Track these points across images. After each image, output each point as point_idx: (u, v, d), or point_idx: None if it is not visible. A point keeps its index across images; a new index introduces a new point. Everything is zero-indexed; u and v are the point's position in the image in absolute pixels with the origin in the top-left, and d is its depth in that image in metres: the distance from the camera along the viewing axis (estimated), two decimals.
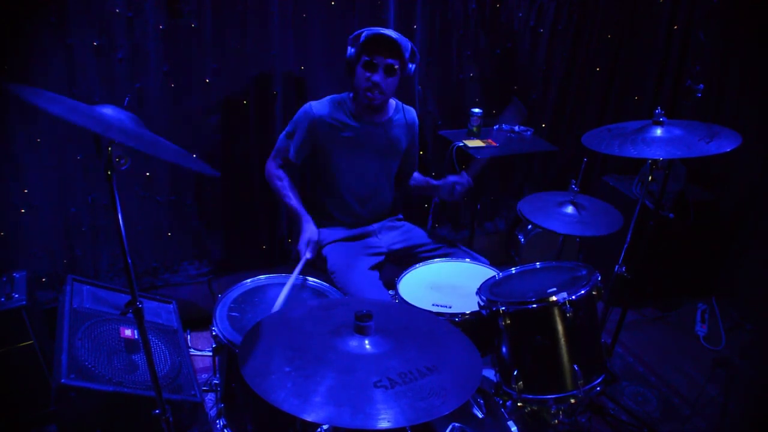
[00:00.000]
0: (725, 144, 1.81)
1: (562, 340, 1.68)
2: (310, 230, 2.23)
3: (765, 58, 2.99)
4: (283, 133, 2.33)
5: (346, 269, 2.21)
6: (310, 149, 2.29)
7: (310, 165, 2.38)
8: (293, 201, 2.31)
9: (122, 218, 1.33)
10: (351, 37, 2.17)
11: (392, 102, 2.36)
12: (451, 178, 2.29)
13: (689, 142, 1.84)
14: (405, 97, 2.51)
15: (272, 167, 2.36)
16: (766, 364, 2.73)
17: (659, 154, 1.86)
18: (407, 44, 2.15)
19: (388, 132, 2.33)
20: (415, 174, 2.56)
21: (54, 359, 1.86)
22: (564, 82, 3.35)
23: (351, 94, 2.28)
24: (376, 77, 2.13)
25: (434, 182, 2.41)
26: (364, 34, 2.12)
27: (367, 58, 2.12)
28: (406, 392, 1.14)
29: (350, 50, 2.17)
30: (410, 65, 2.20)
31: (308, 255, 2.14)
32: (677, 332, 3.09)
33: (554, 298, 1.67)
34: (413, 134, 2.43)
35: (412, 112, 2.43)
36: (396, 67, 2.15)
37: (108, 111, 1.31)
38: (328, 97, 2.31)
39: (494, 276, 1.94)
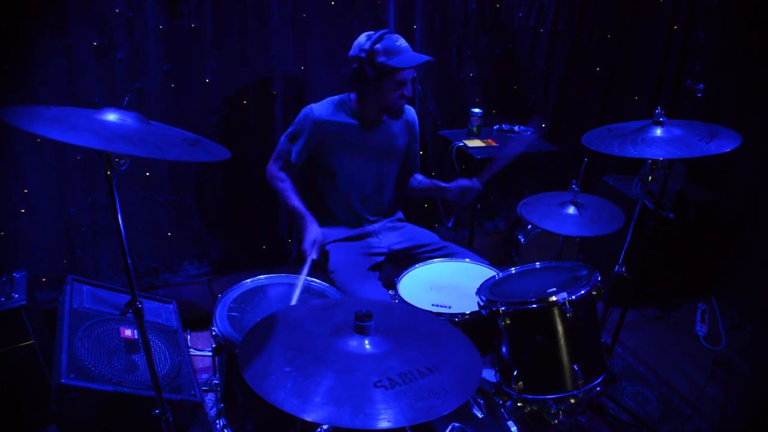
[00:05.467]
0: (725, 144, 1.81)
1: (562, 340, 1.68)
2: (314, 230, 2.22)
3: (765, 58, 2.99)
4: (284, 135, 2.33)
5: (346, 269, 2.21)
6: (312, 151, 2.29)
7: (312, 165, 2.38)
8: (295, 201, 2.31)
9: (122, 218, 1.33)
10: (369, 43, 2.09)
11: None
12: (462, 183, 2.31)
13: (689, 142, 1.84)
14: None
15: (274, 169, 2.36)
16: (766, 364, 2.73)
17: (659, 154, 1.86)
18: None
19: (388, 131, 2.33)
20: (419, 176, 2.55)
21: (54, 359, 1.86)
22: (564, 82, 3.35)
23: (352, 95, 2.27)
24: (408, 91, 2.20)
25: (443, 184, 2.41)
26: (400, 59, 2.11)
27: (401, 78, 2.15)
28: (406, 392, 1.14)
29: (369, 70, 2.12)
30: (415, 88, 2.27)
31: (314, 255, 2.14)
32: (677, 332, 3.09)
33: (554, 298, 1.67)
34: (413, 133, 2.43)
35: (411, 111, 2.43)
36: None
37: (111, 117, 1.29)
38: (328, 99, 2.31)
39: (494, 276, 1.94)
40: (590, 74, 3.39)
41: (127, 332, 2.04)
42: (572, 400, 1.70)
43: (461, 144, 2.97)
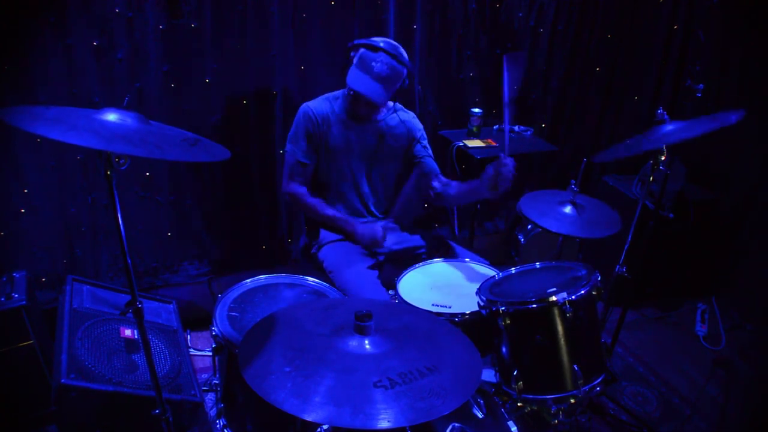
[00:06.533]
0: (730, 117, 1.75)
1: (562, 340, 1.68)
2: (364, 227, 2.24)
3: (765, 58, 2.99)
4: (287, 143, 2.28)
5: (345, 269, 2.20)
6: (316, 147, 2.27)
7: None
8: (331, 211, 2.29)
9: (122, 218, 1.33)
10: (363, 41, 2.13)
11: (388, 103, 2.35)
12: (489, 171, 1.91)
13: (693, 128, 1.83)
14: (405, 97, 2.50)
15: (294, 188, 2.29)
16: (766, 364, 2.73)
17: (667, 140, 1.84)
18: (387, 96, 2.14)
19: (380, 131, 2.32)
20: (451, 182, 2.29)
21: (54, 359, 1.86)
22: (564, 82, 3.35)
23: (346, 91, 2.26)
24: (361, 111, 2.21)
25: (474, 181, 2.09)
26: (354, 76, 2.10)
27: (352, 92, 2.15)
28: (406, 392, 1.14)
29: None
30: (415, 88, 2.23)
31: (387, 242, 2.19)
32: (677, 332, 3.09)
33: (554, 298, 1.67)
34: (408, 130, 2.36)
35: (407, 112, 2.40)
36: (379, 106, 2.20)
37: (111, 117, 1.29)
38: (323, 96, 2.31)
39: (494, 276, 1.94)
40: (590, 74, 3.38)
41: (127, 332, 2.04)
42: (572, 400, 1.70)
43: (461, 144, 2.97)
